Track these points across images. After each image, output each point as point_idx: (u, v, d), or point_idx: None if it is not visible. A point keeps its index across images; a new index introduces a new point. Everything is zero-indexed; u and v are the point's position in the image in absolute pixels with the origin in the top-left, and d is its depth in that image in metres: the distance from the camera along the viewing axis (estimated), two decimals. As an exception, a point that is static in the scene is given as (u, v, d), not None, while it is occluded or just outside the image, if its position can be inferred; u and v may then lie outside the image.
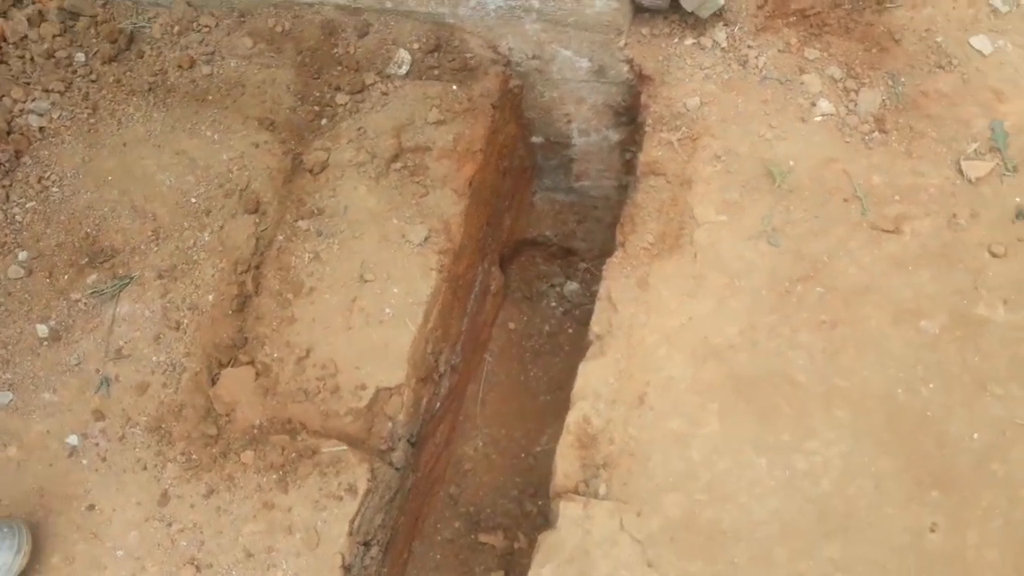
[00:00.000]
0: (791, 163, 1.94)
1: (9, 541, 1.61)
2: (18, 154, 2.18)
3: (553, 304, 2.72)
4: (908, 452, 1.61)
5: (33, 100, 2.27)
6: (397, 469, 1.89)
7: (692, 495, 1.61)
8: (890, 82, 2.03)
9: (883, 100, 2.01)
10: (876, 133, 1.98)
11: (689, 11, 2.08)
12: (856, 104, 2.02)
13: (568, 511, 1.61)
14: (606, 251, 2.79)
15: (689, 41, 2.13)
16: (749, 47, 2.11)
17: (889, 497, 1.58)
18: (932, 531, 1.55)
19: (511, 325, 2.63)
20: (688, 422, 1.67)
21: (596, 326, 1.86)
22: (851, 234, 1.86)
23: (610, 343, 1.80)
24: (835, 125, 2.00)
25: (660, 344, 1.77)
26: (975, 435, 1.62)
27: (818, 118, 2.01)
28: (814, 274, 1.82)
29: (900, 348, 1.71)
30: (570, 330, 2.62)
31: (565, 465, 1.67)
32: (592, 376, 1.76)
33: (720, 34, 2.12)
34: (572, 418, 1.71)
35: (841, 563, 1.53)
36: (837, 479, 1.60)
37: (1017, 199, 1.85)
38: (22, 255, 2.01)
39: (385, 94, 2.16)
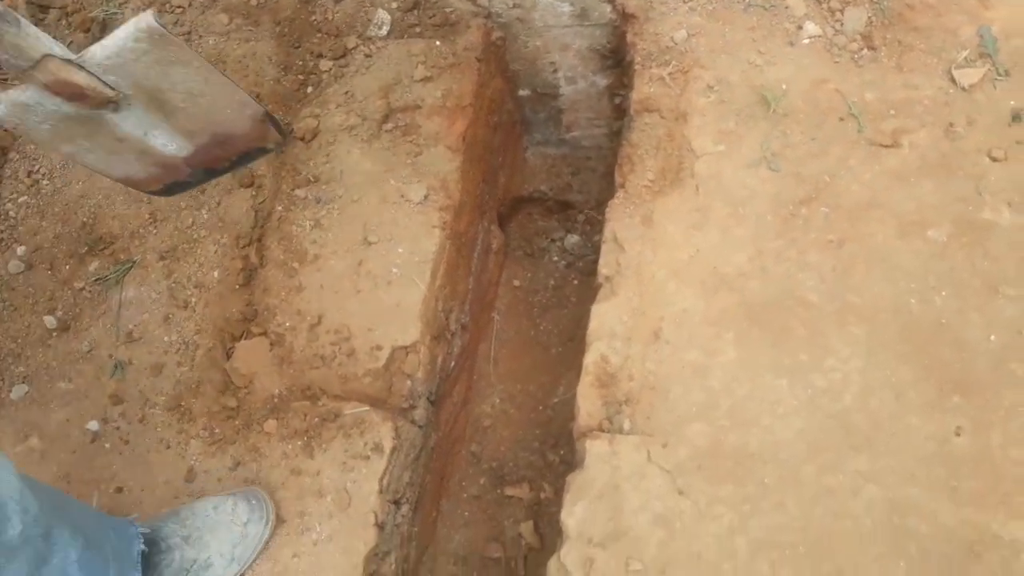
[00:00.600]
0: (784, 87, 1.94)
1: (259, 513, 1.61)
2: (4, 151, 2.15)
3: (555, 258, 2.71)
4: (926, 361, 1.62)
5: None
6: (420, 427, 1.89)
7: (715, 422, 1.61)
8: (875, -1, 2.02)
9: (869, 17, 2.00)
10: (865, 51, 1.97)
11: (664, -56, 2.06)
12: (842, 24, 2.01)
13: (594, 449, 1.62)
14: (603, 201, 2.78)
15: (670, -25, 2.11)
16: (730, -24, 2.09)
17: (911, 406, 1.59)
18: (957, 435, 1.56)
19: (516, 283, 2.62)
20: (705, 352, 1.68)
21: (604, 268, 1.85)
22: (850, 152, 1.85)
23: (620, 283, 1.80)
24: (823, 46, 1.99)
25: (670, 279, 1.77)
26: (991, 337, 1.62)
27: (806, 41, 2.00)
28: (817, 195, 1.82)
29: (909, 260, 1.72)
30: (575, 282, 2.61)
31: (587, 405, 1.67)
32: (606, 316, 1.76)
33: (701, -34, 2.10)
34: (590, 359, 1.72)
35: (869, 475, 1.54)
36: (858, 393, 1.61)
37: (1012, 102, 1.84)
38: (20, 250, 1.99)
39: (369, 56, 2.14)
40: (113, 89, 1.30)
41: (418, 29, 2.16)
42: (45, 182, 2.09)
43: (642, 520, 1.55)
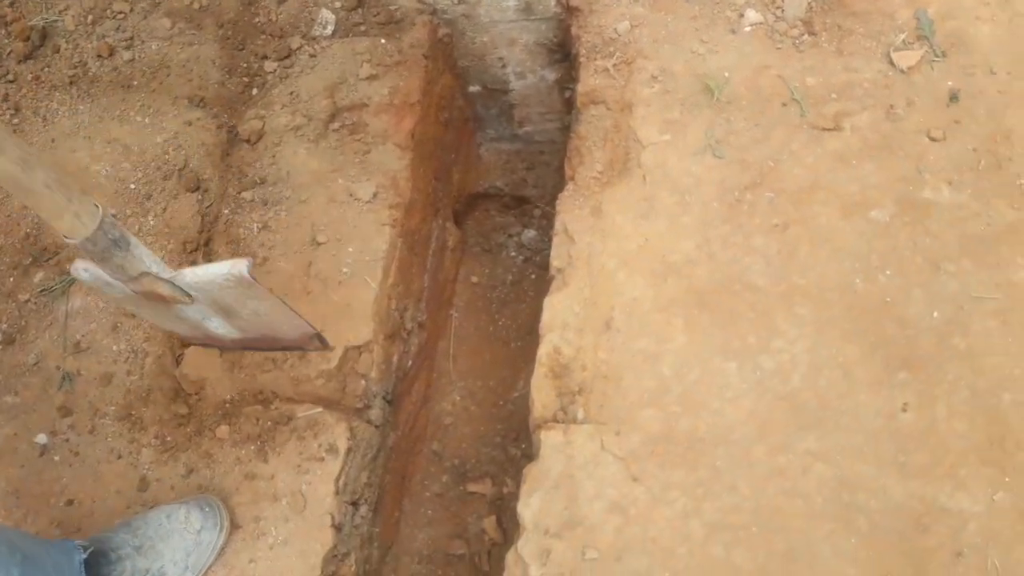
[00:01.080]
0: (726, 75, 1.95)
1: (212, 520, 1.59)
2: (-57, 163, 2.11)
3: (513, 254, 2.72)
4: (872, 338, 1.64)
5: (-48, 107, 2.20)
6: (376, 427, 1.88)
7: (667, 408, 1.63)
8: (814, -15, 2.04)
9: (809, 3, 2.02)
10: (806, 36, 1.99)
11: (608, -63, 2.07)
12: (783, 10, 2.03)
13: (549, 439, 1.62)
14: (558, 194, 2.81)
15: (611, -33, 2.12)
16: (672, -34, 2.10)
17: (859, 384, 1.61)
18: (904, 411, 1.58)
19: (474, 279, 2.62)
20: (655, 340, 1.69)
21: (556, 260, 1.86)
22: (792, 136, 1.87)
23: (571, 274, 1.80)
24: (765, 33, 2.01)
25: (620, 268, 1.78)
26: (935, 313, 1.65)
27: (747, 28, 2.02)
28: (761, 180, 1.84)
29: (853, 240, 1.74)
30: (533, 276, 2.62)
31: (541, 397, 1.68)
32: (558, 308, 1.77)
33: (642, -43, 2.11)
34: (543, 350, 1.72)
35: (819, 453, 1.56)
36: (806, 373, 1.63)
37: (949, 83, 1.88)
38: (-38, 264, 1.95)
39: (313, 56, 2.12)
40: (189, 297, 1.44)
41: (363, 28, 2.15)
42: (-13, 194, 2.05)
43: (597, 508, 1.55)
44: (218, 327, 1.58)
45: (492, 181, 2.82)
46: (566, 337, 1.73)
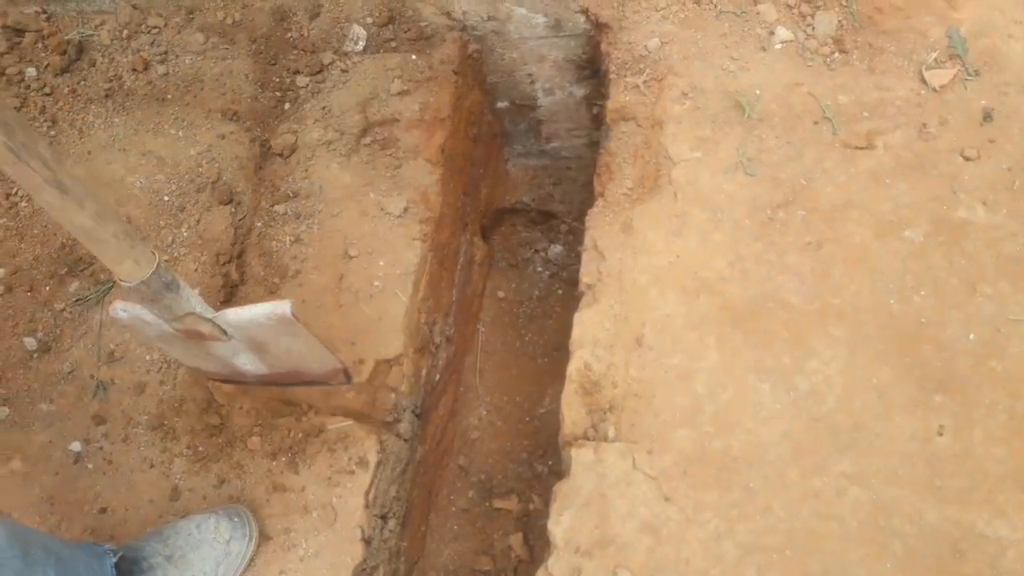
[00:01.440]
0: (757, 92, 1.95)
1: (241, 530, 1.61)
2: (-19, 174, 2.14)
3: (539, 269, 2.72)
4: (907, 360, 1.63)
5: (-10, 119, 2.23)
6: (406, 440, 1.89)
7: (700, 427, 1.62)
8: (844, 2, 2.04)
9: (839, 21, 2.02)
10: (837, 54, 1.99)
11: (639, -45, 2.08)
12: (813, 28, 2.03)
13: (580, 457, 1.62)
14: (585, 211, 2.80)
15: (642, -15, 2.13)
16: (701, -17, 2.11)
17: (894, 406, 1.59)
18: (940, 434, 1.56)
19: (500, 294, 2.62)
20: (688, 357, 1.68)
21: (586, 276, 1.86)
22: (825, 154, 1.87)
23: (602, 290, 1.80)
24: (795, 51, 2.01)
25: (651, 285, 1.77)
26: (971, 336, 1.63)
27: (778, 46, 2.02)
28: (794, 198, 1.83)
29: (887, 259, 1.73)
30: (560, 292, 2.62)
31: (572, 413, 1.67)
32: (588, 324, 1.76)
33: (673, -26, 2.12)
34: (573, 366, 1.72)
35: (854, 476, 1.54)
36: (840, 395, 1.62)
37: (982, 102, 1.87)
38: (0, 272, 1.98)
39: (345, 71, 2.14)
40: (227, 335, 1.50)
41: (394, 44, 2.16)
42: (24, 204, 2.08)
43: (629, 527, 1.54)
44: (247, 363, 1.62)
45: (519, 196, 2.82)
46: (596, 353, 1.73)
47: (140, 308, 1.46)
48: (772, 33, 2.01)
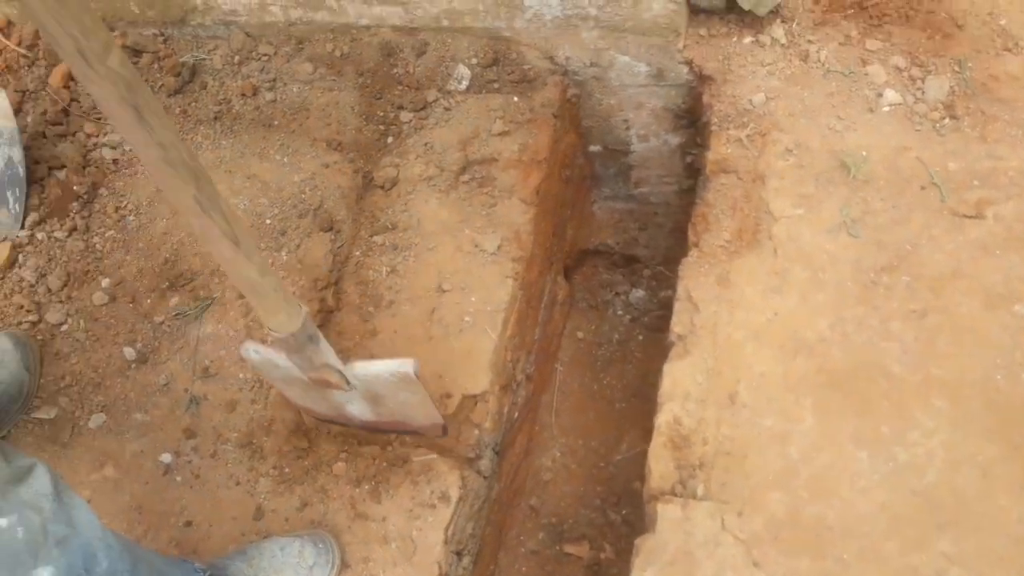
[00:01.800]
0: (864, 154, 1.93)
1: (325, 556, 1.63)
2: (95, 186, 2.23)
3: (620, 312, 2.71)
4: (1015, 439, 1.57)
5: (106, 134, 2.33)
6: (485, 477, 1.88)
7: (794, 492, 1.58)
8: (956, 68, 2.01)
9: (951, 86, 1.99)
10: (947, 120, 1.96)
11: (746, 9, 2.08)
12: (924, 92, 2.00)
13: (666, 513, 1.59)
14: (670, 257, 2.80)
15: (748, 39, 2.13)
16: (809, 41, 2.10)
17: (999, 486, 1.53)
18: (1045, 518, 1.50)
19: (580, 334, 2.62)
20: (783, 419, 1.65)
21: (677, 327, 1.84)
22: (932, 221, 1.83)
23: (694, 342, 1.78)
24: (904, 114, 1.98)
25: (747, 341, 1.75)
26: (1082, 418, 1.57)
27: (886, 108, 1.99)
28: (898, 263, 1.79)
29: (995, 333, 1.68)
30: (640, 337, 2.60)
31: (659, 467, 1.65)
32: (679, 376, 1.74)
33: (778, 31, 2.12)
34: (662, 419, 1.70)
35: (955, 556, 1.49)
36: (942, 470, 1.57)
37: (1102, 177, 1.81)
38: (105, 282, 2.05)
39: (448, 109, 2.18)
40: (349, 384, 1.57)
41: (496, 85, 2.20)
42: (131, 218, 2.15)
43: (715, 589, 1.51)
44: (356, 410, 1.68)
45: (603, 238, 2.82)
46: (687, 408, 1.71)
47: (272, 352, 1.54)
48: (880, 95, 1.99)
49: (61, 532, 1.16)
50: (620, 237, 2.82)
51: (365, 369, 1.56)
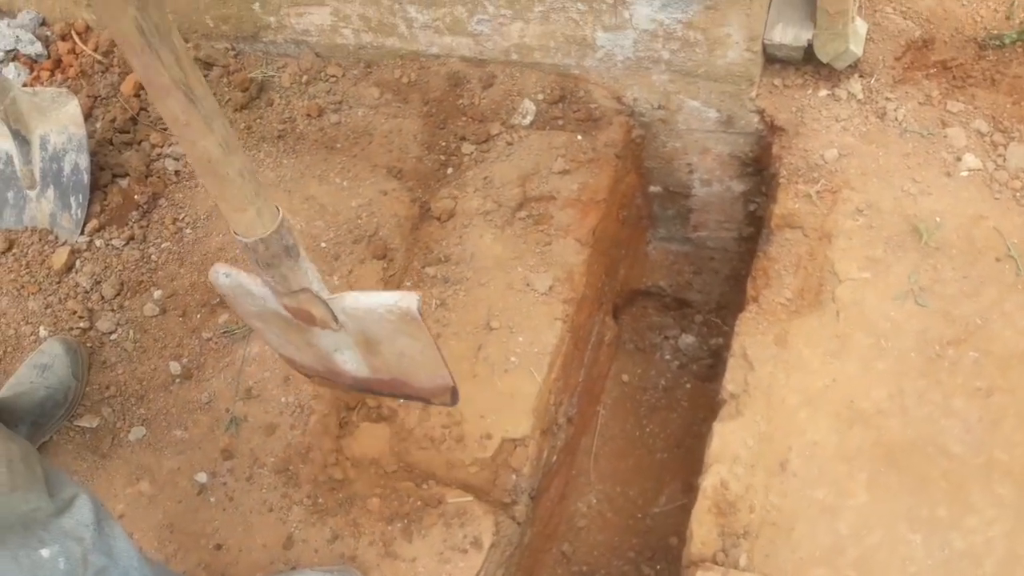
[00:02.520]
0: (937, 219, 1.85)
1: None
2: (155, 196, 2.26)
3: (667, 357, 2.65)
4: (1082, 536, 1.48)
5: (170, 145, 2.36)
6: (519, 524, 1.84)
7: (840, 570, 1.51)
8: (1042, 136, 1.93)
9: (1035, 155, 1.91)
10: (1029, 189, 1.88)
11: (824, 62, 2.02)
12: (1005, 159, 1.92)
13: (706, 581, 1.53)
14: (723, 304, 2.74)
15: (823, 92, 2.07)
16: (887, 99, 2.04)
17: (1062, 584, 1.45)
18: (1112, 624, 1.41)
19: (624, 377, 2.56)
20: (835, 492, 1.58)
21: (730, 384, 1.78)
22: (1005, 296, 1.75)
23: (747, 403, 1.72)
24: (983, 181, 1.90)
25: (802, 406, 1.68)
26: None
27: (964, 173, 1.92)
28: (966, 337, 1.72)
29: (1067, 421, 1.59)
30: (688, 385, 2.54)
31: (702, 532, 1.59)
32: (729, 438, 1.68)
33: (856, 86, 2.06)
34: (709, 482, 1.64)
35: (1009, 655, 1.40)
36: (1002, 561, 1.48)
37: None
38: (157, 294, 2.06)
39: (510, 144, 2.16)
40: (338, 323, 1.33)
41: (561, 122, 2.17)
42: (188, 231, 2.17)
43: (752, 667, 1.44)
44: (348, 361, 1.43)
45: (656, 280, 2.77)
46: (735, 472, 1.65)
47: (245, 276, 1.31)
48: (959, 159, 1.92)
49: (101, 562, 1.16)
50: (673, 280, 2.76)
51: (357, 302, 1.29)
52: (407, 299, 1.25)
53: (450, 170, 2.14)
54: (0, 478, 1.16)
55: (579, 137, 2.15)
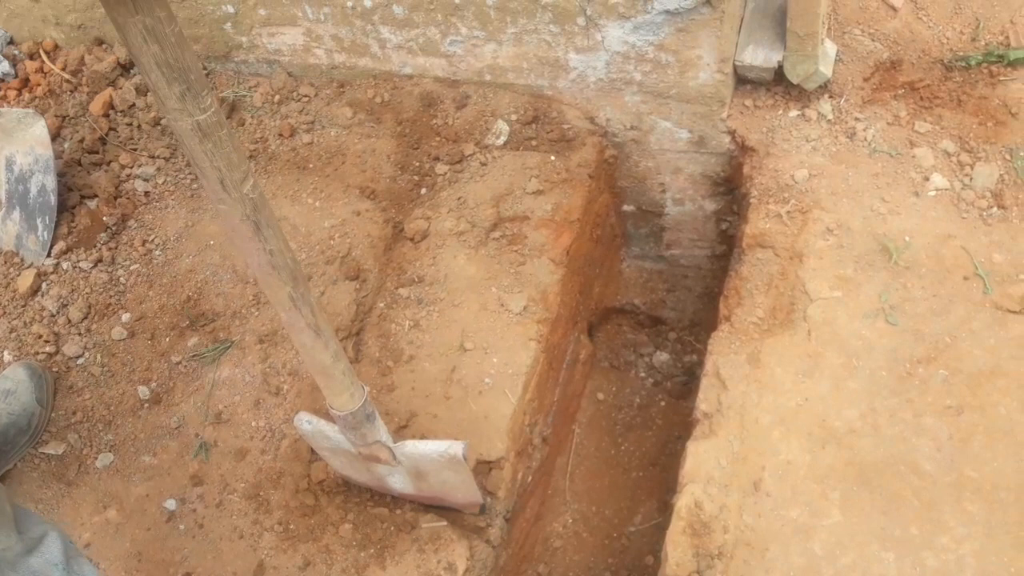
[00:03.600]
0: (907, 239, 1.87)
1: None
2: (124, 218, 2.23)
3: (642, 374, 2.65)
4: (1052, 553, 1.49)
5: (140, 166, 2.34)
6: (494, 547, 1.82)
7: (815, 591, 1.51)
8: (1007, 156, 1.95)
9: (1000, 175, 1.94)
10: (995, 209, 1.90)
11: (794, 83, 2.05)
12: (972, 179, 1.95)
13: (681, 603, 1.52)
14: (696, 321, 2.75)
15: (794, 113, 2.09)
16: (856, 119, 2.06)
17: (1033, 602, 1.46)
18: (1082, 641, 1.42)
19: (600, 396, 2.56)
20: (808, 511, 1.58)
21: (704, 404, 1.79)
22: (973, 314, 1.77)
23: (720, 423, 1.73)
24: (950, 200, 1.93)
25: (775, 426, 1.69)
26: None
27: (932, 193, 1.94)
28: (936, 355, 1.73)
29: (1035, 438, 1.60)
30: (662, 403, 2.54)
31: (677, 553, 1.59)
32: (703, 457, 1.68)
33: (826, 106, 2.08)
34: (683, 502, 1.64)
35: (982, 674, 1.41)
36: (973, 579, 1.49)
37: None
38: (125, 317, 2.03)
39: (484, 164, 2.16)
40: (396, 460, 1.59)
41: (534, 142, 2.18)
42: (158, 252, 2.15)
43: None
44: (399, 483, 1.68)
45: (630, 298, 2.78)
46: (709, 492, 1.65)
47: (324, 424, 1.58)
48: (927, 179, 1.94)
49: None
50: (647, 297, 2.77)
51: (415, 448, 1.58)
52: (455, 447, 1.55)
53: (424, 190, 2.13)
54: None
55: (552, 157, 2.15)
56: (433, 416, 1.82)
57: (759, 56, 2.02)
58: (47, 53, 2.61)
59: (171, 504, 1.78)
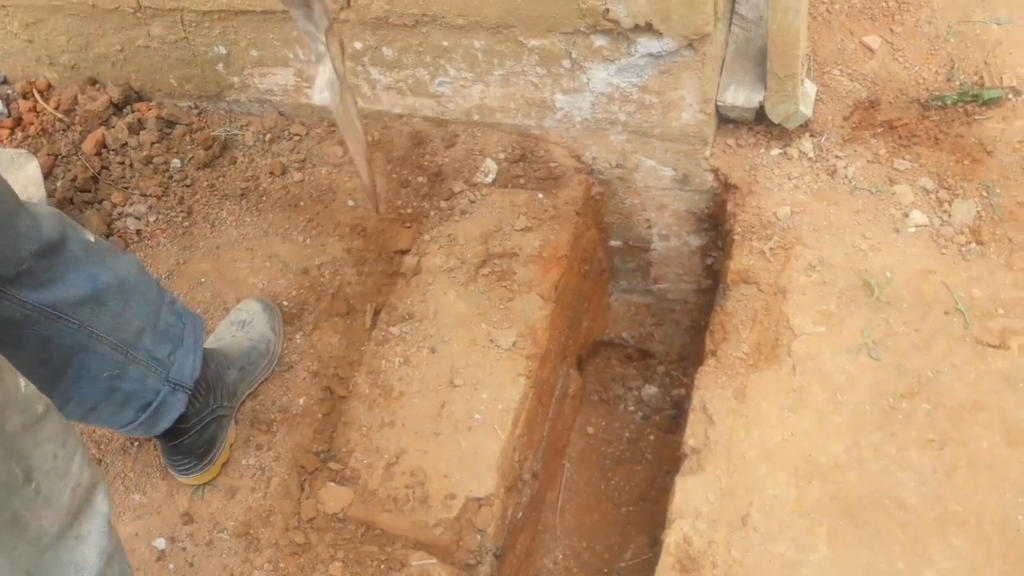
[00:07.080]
0: (888, 275, 1.91)
1: None
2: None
3: (631, 408, 2.67)
4: (1035, 586, 1.51)
5: (131, 204, 2.36)
6: (484, 585, 1.83)
7: (803, 625, 1.52)
8: (984, 193, 2.00)
9: (978, 211, 1.98)
10: (973, 244, 1.94)
11: (775, 123, 2.10)
12: (950, 215, 1.99)
13: (670, 639, 1.53)
14: (685, 354, 2.78)
15: (775, 151, 2.14)
16: (837, 157, 2.11)
17: (1017, 635, 1.47)
18: (1067, 674, 1.43)
19: (589, 430, 2.58)
20: (796, 546, 1.60)
21: (691, 439, 1.81)
22: (955, 348, 1.80)
23: (708, 458, 1.75)
24: (930, 236, 1.97)
25: (762, 461, 1.71)
26: (1108, 568, 1.51)
27: (912, 229, 1.98)
28: (919, 390, 1.76)
29: (1017, 471, 1.63)
30: (651, 437, 2.56)
31: (666, 589, 1.60)
32: (691, 493, 1.70)
33: (807, 144, 2.13)
34: (672, 538, 1.65)
35: None
36: (959, 613, 1.51)
37: None
38: (117, 354, 2.04)
39: (473, 202, 2.19)
40: None
41: (522, 180, 2.21)
42: (150, 289, 2.16)
43: None
44: None
45: (619, 331, 2.80)
46: (698, 527, 1.66)
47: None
48: (906, 215, 1.98)
49: None
50: (636, 331, 2.80)
51: None
52: None
53: (413, 227, 2.16)
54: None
55: (540, 195, 2.19)
56: (423, 452, 1.83)
57: (740, 96, 2.07)
58: (40, 92, 2.64)
59: (161, 543, 1.78)
